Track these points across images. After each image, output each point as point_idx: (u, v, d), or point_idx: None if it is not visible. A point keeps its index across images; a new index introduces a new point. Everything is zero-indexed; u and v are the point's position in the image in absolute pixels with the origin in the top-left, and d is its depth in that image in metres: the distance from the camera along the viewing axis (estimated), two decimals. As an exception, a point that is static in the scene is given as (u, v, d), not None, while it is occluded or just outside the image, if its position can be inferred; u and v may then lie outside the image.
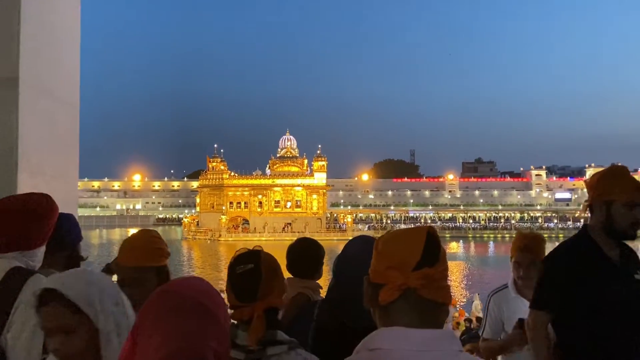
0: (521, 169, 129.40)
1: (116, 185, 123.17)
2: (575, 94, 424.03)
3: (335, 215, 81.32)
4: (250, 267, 1.57)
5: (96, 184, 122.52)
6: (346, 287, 1.78)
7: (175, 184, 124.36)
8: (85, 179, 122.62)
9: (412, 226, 1.27)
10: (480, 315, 15.38)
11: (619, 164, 2.81)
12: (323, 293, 2.40)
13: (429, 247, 1.15)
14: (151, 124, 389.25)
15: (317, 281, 2.66)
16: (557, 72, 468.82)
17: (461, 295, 28.69)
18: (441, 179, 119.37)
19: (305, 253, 2.69)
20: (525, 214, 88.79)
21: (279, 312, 1.62)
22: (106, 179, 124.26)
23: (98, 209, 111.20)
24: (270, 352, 1.48)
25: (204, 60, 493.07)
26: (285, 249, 2.74)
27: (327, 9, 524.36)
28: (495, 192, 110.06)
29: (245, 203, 72.99)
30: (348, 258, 1.86)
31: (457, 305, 16.06)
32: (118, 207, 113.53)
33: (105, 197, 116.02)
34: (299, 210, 72.31)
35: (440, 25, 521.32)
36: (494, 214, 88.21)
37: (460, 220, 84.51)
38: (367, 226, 79.56)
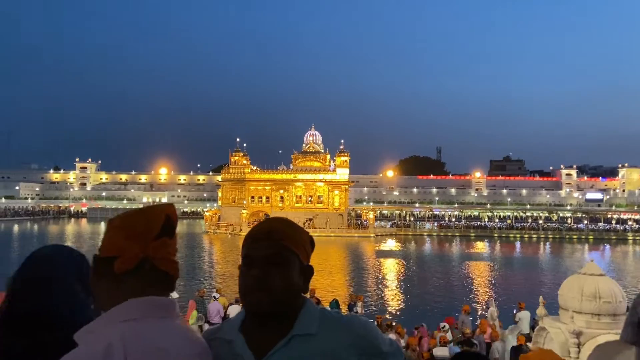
0: (551, 168, 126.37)
1: (143, 178, 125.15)
2: (609, 91, 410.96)
3: (357, 211, 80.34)
4: None
5: (124, 177, 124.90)
6: (42, 295, 1.45)
7: (201, 178, 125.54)
8: (113, 172, 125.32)
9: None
10: (496, 323, 14.24)
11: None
12: None
13: (168, 221, 1.29)
14: (179, 118, 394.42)
15: None
16: (591, 68, 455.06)
17: (478, 299, 27.36)
18: (468, 177, 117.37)
19: None
20: (554, 214, 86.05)
21: None
22: (133, 172, 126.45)
23: (125, 201, 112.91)
24: None
25: (234, 56, 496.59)
26: None
27: (351, 4, 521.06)
28: (524, 191, 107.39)
29: (266, 198, 72.70)
30: (37, 264, 1.52)
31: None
32: (144, 200, 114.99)
33: (132, 190, 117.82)
34: (320, 205, 71.62)
35: (467, 21, 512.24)
36: (521, 214, 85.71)
37: (486, 219, 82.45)
38: (389, 223, 78.38)
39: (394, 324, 13.82)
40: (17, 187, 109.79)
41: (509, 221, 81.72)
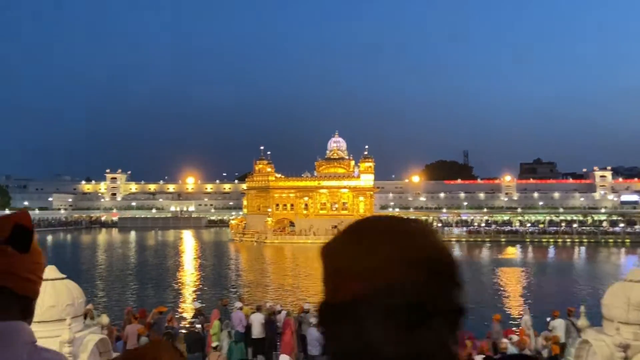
0: (584, 169, 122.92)
1: (171, 188, 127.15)
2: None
3: (384, 217, 79.45)
4: None
5: (152, 187, 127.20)
6: None
7: (227, 187, 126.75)
8: (142, 182, 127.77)
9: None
10: (530, 332, 13.53)
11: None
12: None
13: (18, 231, 1.04)
14: (204, 127, 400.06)
15: None
16: (619, 65, 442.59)
17: (511, 307, 26.35)
18: (497, 181, 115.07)
19: None
20: (589, 218, 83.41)
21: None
22: (161, 182, 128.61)
23: (154, 210, 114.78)
24: None
25: (258, 63, 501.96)
26: None
27: (372, 6, 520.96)
28: (556, 195, 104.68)
29: (291, 205, 72.64)
30: None
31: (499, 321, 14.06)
32: (172, 209, 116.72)
33: (160, 200, 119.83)
34: (345, 212, 71.10)
35: (490, 21, 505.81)
36: (554, 218, 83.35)
37: (517, 224, 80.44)
38: (416, 229, 77.22)
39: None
40: (50, 199, 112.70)
41: (541, 225, 79.60)
